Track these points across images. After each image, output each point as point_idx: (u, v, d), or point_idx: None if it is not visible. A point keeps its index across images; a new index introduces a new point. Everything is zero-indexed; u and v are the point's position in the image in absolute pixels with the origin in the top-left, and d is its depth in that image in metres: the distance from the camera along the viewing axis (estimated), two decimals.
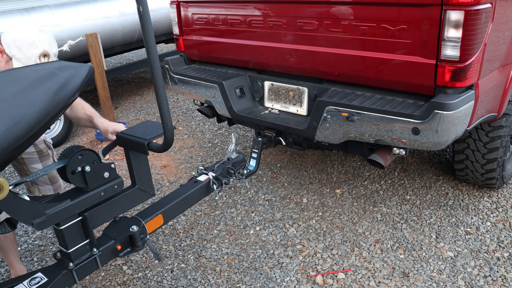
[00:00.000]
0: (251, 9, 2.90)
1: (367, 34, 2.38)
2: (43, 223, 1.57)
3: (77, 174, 1.66)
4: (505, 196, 3.17)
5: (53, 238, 3.05)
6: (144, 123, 2.05)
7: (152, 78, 1.61)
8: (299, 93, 2.84)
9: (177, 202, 2.13)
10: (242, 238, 2.93)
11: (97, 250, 1.80)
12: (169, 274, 2.65)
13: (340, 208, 3.18)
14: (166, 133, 1.73)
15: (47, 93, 1.42)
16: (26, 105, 1.36)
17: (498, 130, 2.84)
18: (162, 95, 1.63)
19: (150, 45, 1.55)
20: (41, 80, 1.44)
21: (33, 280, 1.68)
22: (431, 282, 2.44)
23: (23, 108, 1.35)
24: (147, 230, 1.96)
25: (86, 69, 1.58)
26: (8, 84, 1.41)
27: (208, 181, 2.28)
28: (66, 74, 1.51)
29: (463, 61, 2.13)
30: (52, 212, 1.59)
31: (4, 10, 4.40)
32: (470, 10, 2.04)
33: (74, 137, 4.95)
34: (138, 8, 1.50)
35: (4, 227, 1.66)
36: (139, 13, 1.50)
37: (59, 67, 1.52)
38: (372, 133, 2.42)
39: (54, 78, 1.47)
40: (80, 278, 1.76)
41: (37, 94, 1.40)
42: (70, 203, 1.65)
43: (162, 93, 1.63)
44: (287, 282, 2.52)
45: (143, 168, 1.98)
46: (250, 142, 4.38)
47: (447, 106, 2.13)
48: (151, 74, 1.59)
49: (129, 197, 1.92)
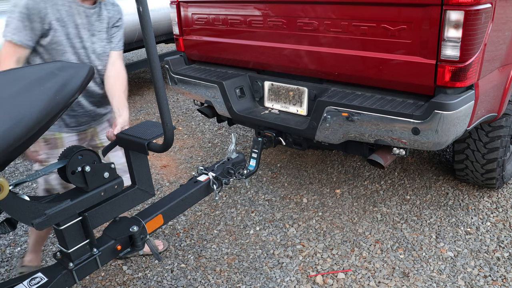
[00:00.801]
0: (251, 9, 2.90)
1: (367, 34, 2.38)
2: (43, 223, 1.56)
3: (77, 174, 1.65)
4: (505, 196, 3.17)
5: (53, 238, 3.05)
6: (144, 123, 2.04)
7: (152, 78, 1.60)
8: (299, 93, 2.84)
9: (177, 202, 2.12)
10: (242, 238, 2.94)
11: (97, 250, 1.80)
12: (169, 274, 2.65)
13: (340, 208, 3.18)
14: (166, 133, 1.73)
15: (47, 93, 1.42)
16: (26, 105, 1.36)
17: (498, 130, 2.84)
18: (162, 95, 1.63)
19: (150, 45, 1.54)
20: (41, 80, 1.44)
21: (33, 280, 1.67)
22: (431, 282, 2.44)
23: (23, 108, 1.35)
24: (147, 230, 1.95)
25: (86, 69, 1.58)
26: (8, 84, 1.41)
27: (208, 181, 2.28)
28: (66, 74, 1.51)
29: (463, 61, 2.13)
30: (52, 212, 1.59)
31: (4, 10, 4.40)
32: (470, 10, 2.04)
33: None
34: (138, 8, 1.49)
35: (4, 227, 1.65)
36: (139, 13, 1.50)
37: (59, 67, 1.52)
38: (372, 133, 2.42)
39: (54, 78, 1.47)
40: (80, 278, 1.75)
41: (37, 94, 1.40)
42: (70, 203, 1.65)
43: (162, 93, 1.63)
44: (287, 282, 2.52)
45: (143, 168, 1.98)
46: (250, 142, 4.38)
47: (447, 106, 2.13)
48: (151, 74, 1.59)
49: (129, 197, 1.91)
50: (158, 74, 1.59)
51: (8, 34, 1.95)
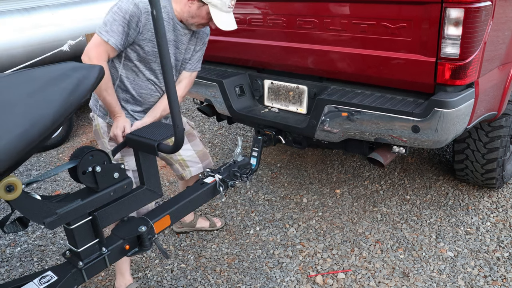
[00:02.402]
0: (251, 8, 2.90)
1: (367, 32, 2.37)
2: (54, 222, 1.58)
3: (88, 174, 1.66)
4: (505, 196, 3.17)
5: (53, 238, 3.05)
6: (153, 125, 2.07)
7: (164, 79, 1.62)
8: (298, 91, 2.84)
9: (184, 203, 2.14)
10: (242, 238, 2.93)
11: (106, 249, 1.81)
12: (169, 274, 2.64)
13: (340, 208, 3.17)
14: (176, 134, 1.74)
15: (61, 94, 1.42)
16: (42, 106, 1.37)
17: (498, 130, 2.84)
18: (173, 97, 1.64)
19: (163, 48, 1.56)
20: (54, 81, 1.45)
21: (43, 278, 1.69)
22: (431, 282, 2.43)
23: (39, 109, 1.36)
24: (155, 230, 1.96)
25: (97, 70, 1.59)
26: (22, 85, 1.42)
27: (214, 183, 2.31)
28: (79, 75, 1.51)
29: (463, 59, 2.12)
30: (63, 212, 1.60)
31: (4, 10, 4.40)
32: (470, 7, 2.04)
33: (74, 137, 4.95)
34: (152, 11, 1.51)
35: (16, 226, 1.67)
36: (152, 17, 1.51)
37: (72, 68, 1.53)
38: (372, 131, 2.41)
39: (68, 79, 1.48)
40: (89, 277, 1.77)
41: (52, 95, 1.41)
42: (81, 203, 1.66)
43: (174, 95, 1.64)
44: (287, 282, 2.51)
45: (152, 169, 1.99)
46: (250, 142, 4.37)
47: (447, 104, 2.13)
48: (163, 75, 1.62)
49: (138, 198, 1.93)
50: (169, 75, 1.61)
51: (105, 34, 2.01)
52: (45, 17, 4.61)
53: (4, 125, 1.29)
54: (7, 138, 1.27)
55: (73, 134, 5.05)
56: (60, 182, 3.84)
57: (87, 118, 5.58)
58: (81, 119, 5.57)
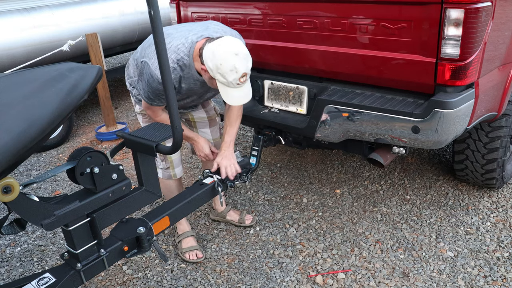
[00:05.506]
0: (250, 8, 2.90)
1: (367, 32, 2.37)
2: (52, 224, 1.57)
3: (86, 175, 1.66)
4: (505, 196, 3.17)
5: (53, 238, 3.05)
6: (151, 125, 2.06)
7: (162, 80, 1.61)
8: (298, 92, 2.84)
9: (183, 204, 2.13)
10: (242, 238, 2.93)
11: (104, 251, 1.80)
12: (169, 274, 2.64)
13: (340, 208, 3.17)
14: (175, 135, 1.73)
15: (58, 94, 1.42)
16: (39, 107, 1.37)
17: (498, 131, 2.84)
18: (171, 98, 1.64)
19: (160, 48, 1.54)
20: (52, 81, 1.45)
21: (41, 280, 1.68)
22: (431, 282, 2.43)
23: (37, 110, 1.36)
24: (153, 231, 1.96)
25: (95, 70, 1.58)
26: (19, 85, 1.42)
27: (213, 184, 2.30)
28: (76, 76, 1.51)
29: (463, 59, 2.12)
30: (61, 213, 1.59)
31: (4, 10, 4.41)
32: (471, 8, 2.04)
33: (74, 137, 4.95)
34: (149, 11, 1.48)
35: (14, 227, 1.66)
36: (150, 17, 1.49)
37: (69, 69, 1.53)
38: (372, 131, 2.41)
39: (65, 80, 1.47)
40: (87, 278, 1.76)
41: (49, 96, 1.41)
42: (79, 204, 1.65)
43: (172, 96, 1.63)
44: (287, 282, 2.51)
45: (151, 170, 1.98)
46: (249, 142, 4.37)
47: (447, 104, 2.13)
48: (161, 76, 1.60)
49: (137, 199, 1.92)
50: (168, 76, 1.60)
51: (149, 101, 2.30)
52: (45, 17, 4.61)
53: (0, 126, 1.28)
54: (4, 140, 1.27)
55: (73, 134, 5.05)
56: (60, 182, 3.84)
57: (87, 118, 5.59)
58: (81, 119, 5.57)
